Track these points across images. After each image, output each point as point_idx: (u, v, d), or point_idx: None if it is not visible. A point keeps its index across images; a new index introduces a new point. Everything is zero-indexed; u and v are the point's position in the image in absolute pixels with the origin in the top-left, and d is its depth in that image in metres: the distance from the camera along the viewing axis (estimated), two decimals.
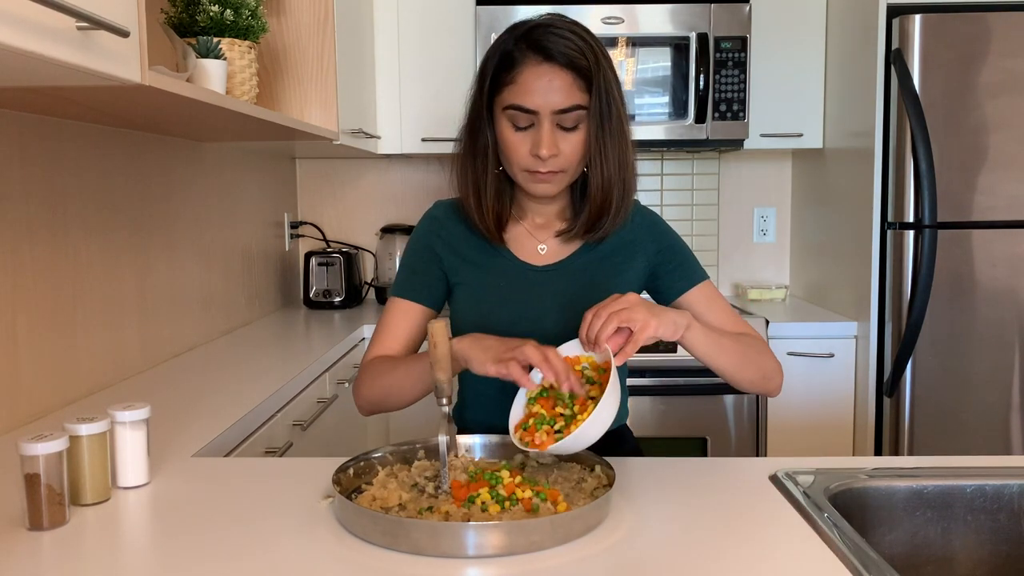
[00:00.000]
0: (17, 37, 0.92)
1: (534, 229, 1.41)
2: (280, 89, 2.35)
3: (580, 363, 1.19)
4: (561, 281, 1.39)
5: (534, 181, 1.31)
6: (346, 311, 2.96)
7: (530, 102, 1.25)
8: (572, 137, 1.28)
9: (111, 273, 1.83)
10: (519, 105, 1.25)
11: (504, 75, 1.27)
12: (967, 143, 2.40)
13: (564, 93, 1.25)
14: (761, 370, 1.34)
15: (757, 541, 0.99)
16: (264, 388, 1.76)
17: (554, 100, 1.24)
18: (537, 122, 1.26)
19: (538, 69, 1.24)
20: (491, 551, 0.93)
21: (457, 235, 1.42)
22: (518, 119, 1.27)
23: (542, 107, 1.25)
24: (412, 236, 1.47)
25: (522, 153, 1.28)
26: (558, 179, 1.31)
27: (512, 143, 1.29)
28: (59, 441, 1.02)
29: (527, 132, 1.27)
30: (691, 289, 1.40)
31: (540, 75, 1.24)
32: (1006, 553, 1.19)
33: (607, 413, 1.07)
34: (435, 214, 1.45)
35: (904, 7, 2.44)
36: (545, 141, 1.25)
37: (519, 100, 1.25)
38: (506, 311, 1.37)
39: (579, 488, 1.10)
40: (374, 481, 1.10)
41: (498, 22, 2.72)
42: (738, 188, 3.26)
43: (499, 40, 1.30)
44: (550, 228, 1.41)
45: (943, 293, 2.42)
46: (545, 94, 1.24)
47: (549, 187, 1.32)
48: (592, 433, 1.07)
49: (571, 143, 1.28)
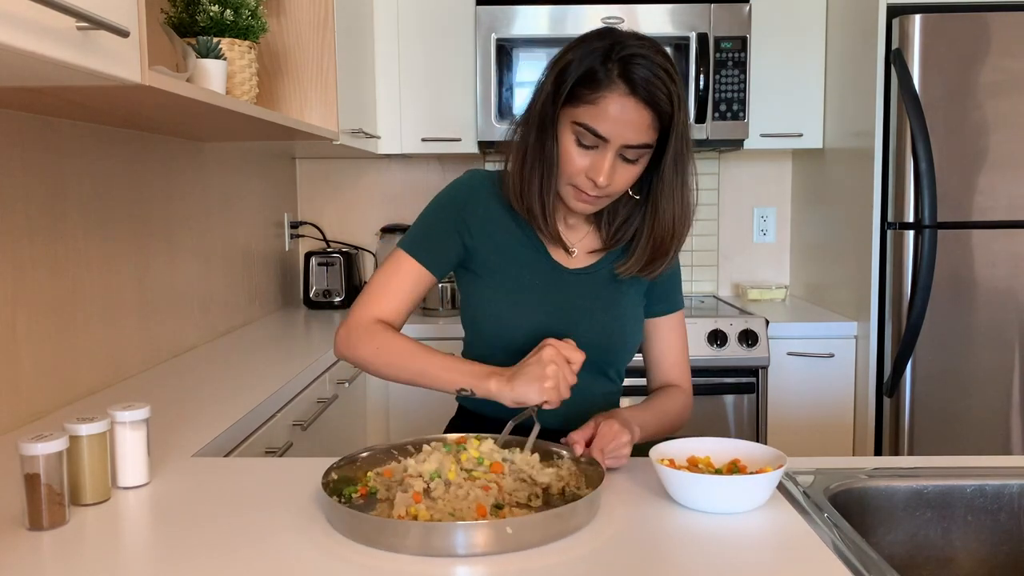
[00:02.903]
0: (17, 37, 0.92)
1: (566, 230, 1.41)
2: (280, 89, 2.35)
3: None
4: (591, 286, 1.40)
5: (578, 199, 1.30)
6: (346, 311, 2.95)
7: (604, 129, 1.22)
8: (630, 169, 1.27)
9: (111, 273, 1.83)
10: (592, 128, 1.23)
11: (584, 91, 1.23)
12: (967, 143, 2.40)
13: (638, 131, 1.22)
14: (674, 429, 1.41)
15: (757, 541, 0.99)
16: (264, 388, 1.76)
17: (628, 135, 1.22)
18: (603, 148, 1.24)
19: (622, 101, 1.21)
20: (481, 550, 0.93)
21: (494, 216, 1.39)
22: (585, 138, 1.24)
23: (614, 137, 1.22)
24: (444, 196, 1.41)
25: (577, 169, 1.26)
26: (601, 203, 1.32)
27: (570, 157, 1.26)
28: (59, 441, 1.02)
29: (588, 151, 1.25)
30: (666, 316, 1.47)
31: (623, 108, 1.21)
32: (1006, 553, 1.19)
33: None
34: (474, 185, 1.41)
35: (904, 7, 2.44)
36: (606, 170, 1.24)
37: (593, 123, 1.22)
38: (542, 310, 1.37)
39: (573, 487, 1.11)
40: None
41: (498, 22, 2.72)
42: (738, 188, 3.26)
43: (585, 48, 1.24)
44: (579, 231, 1.42)
45: (943, 293, 2.42)
46: (621, 126, 1.22)
47: (590, 208, 1.32)
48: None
49: (626, 175, 1.27)
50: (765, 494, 1.07)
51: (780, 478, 1.09)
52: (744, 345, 2.57)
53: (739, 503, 1.06)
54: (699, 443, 1.18)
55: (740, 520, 1.04)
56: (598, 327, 1.38)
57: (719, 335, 2.58)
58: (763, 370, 2.60)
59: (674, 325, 1.47)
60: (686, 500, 1.08)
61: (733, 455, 1.15)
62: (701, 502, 1.06)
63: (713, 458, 1.16)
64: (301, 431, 1.85)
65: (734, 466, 1.13)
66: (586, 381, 1.39)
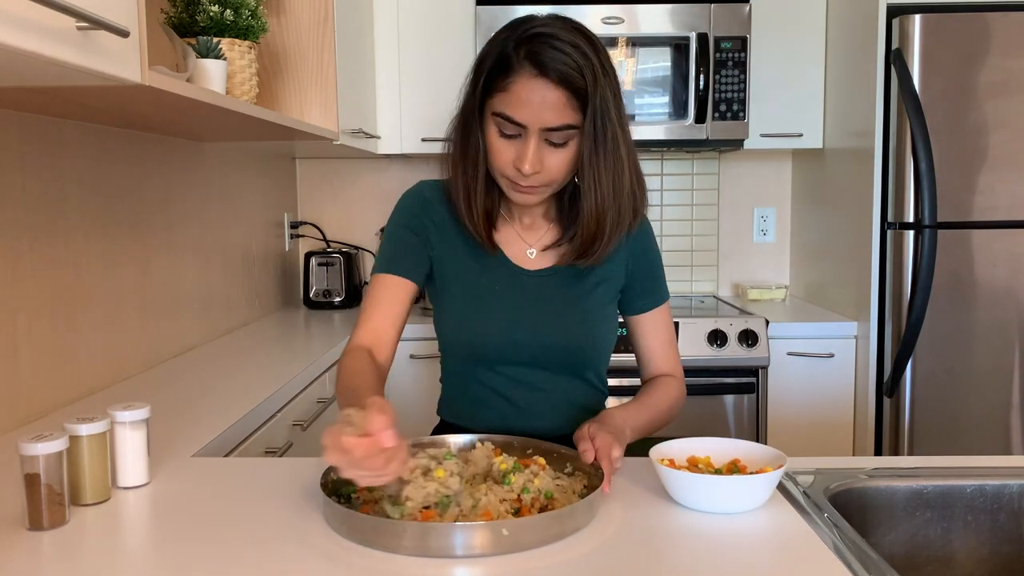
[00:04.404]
0: (17, 37, 0.92)
1: (522, 231, 1.39)
2: (280, 89, 2.35)
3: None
4: (553, 287, 1.37)
5: (515, 190, 1.28)
6: (346, 311, 2.96)
7: (519, 115, 1.20)
8: (559, 153, 1.23)
9: (111, 273, 1.83)
10: (508, 116, 1.20)
11: (498, 80, 1.21)
12: (967, 143, 2.40)
13: (555, 111, 1.19)
14: (670, 419, 1.38)
15: (756, 541, 0.99)
16: (264, 388, 1.76)
17: (544, 117, 1.19)
18: (524, 135, 1.21)
19: (531, 83, 1.18)
20: (480, 551, 0.93)
21: (447, 223, 1.38)
22: (505, 127, 1.22)
23: (530, 122, 1.20)
24: (397, 211, 1.40)
25: (505, 161, 1.24)
26: (540, 191, 1.28)
27: (497, 149, 1.24)
28: (59, 441, 1.02)
29: (513, 140, 1.23)
30: (651, 311, 1.43)
31: (533, 89, 1.18)
32: (1006, 553, 1.19)
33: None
34: (424, 194, 1.40)
35: (904, 7, 2.44)
36: (529, 157, 1.21)
37: (508, 110, 1.20)
38: (504, 317, 1.35)
39: (570, 488, 1.10)
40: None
41: (498, 22, 2.72)
42: (738, 188, 3.26)
43: (499, 37, 1.24)
44: (537, 230, 1.39)
45: (943, 293, 2.42)
46: (535, 110, 1.19)
47: (530, 198, 1.28)
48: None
49: (557, 159, 1.23)
50: (765, 494, 1.07)
51: (780, 478, 1.09)
52: (744, 345, 2.57)
53: (739, 503, 1.06)
54: (699, 443, 1.18)
55: (740, 520, 1.04)
56: (563, 329, 1.35)
57: (719, 335, 2.58)
58: (763, 370, 2.60)
59: (660, 319, 1.44)
60: (686, 500, 1.08)
61: (733, 455, 1.15)
62: (701, 502, 1.06)
63: (713, 458, 1.16)
64: (301, 431, 1.85)
65: (734, 466, 1.13)
66: (564, 387, 1.39)
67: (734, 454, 1.16)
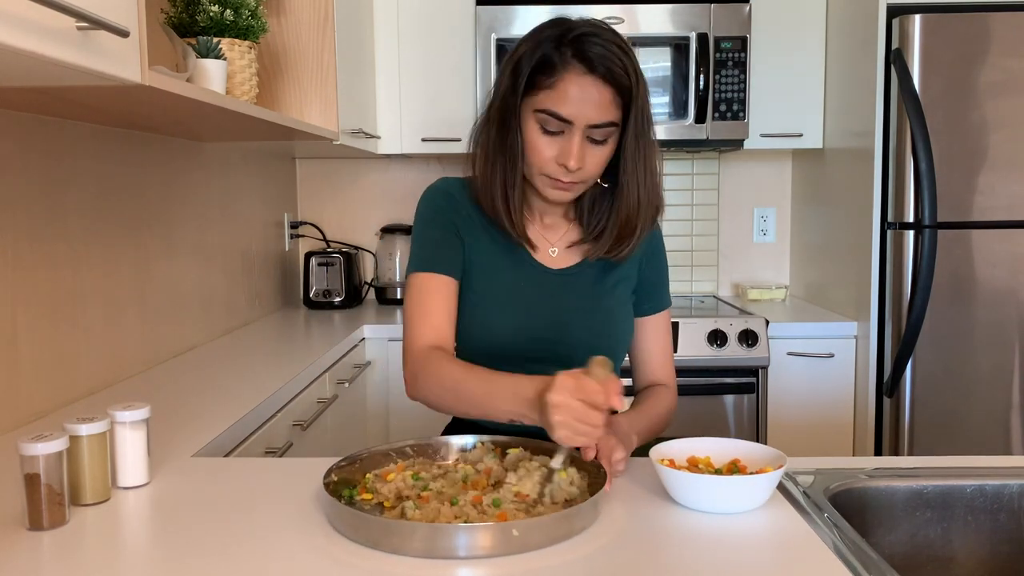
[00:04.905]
0: (17, 37, 0.92)
1: (544, 230, 1.41)
2: (280, 89, 2.35)
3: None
4: (578, 286, 1.39)
5: (553, 188, 1.29)
6: (346, 311, 2.96)
7: (566, 111, 1.22)
8: (600, 151, 1.26)
9: (111, 273, 1.83)
10: (555, 112, 1.23)
11: (542, 78, 1.23)
12: (967, 143, 2.40)
13: (602, 108, 1.22)
14: (664, 429, 1.40)
15: (757, 541, 0.99)
16: (264, 388, 1.76)
17: (591, 114, 1.22)
18: (568, 132, 1.24)
19: (580, 80, 1.21)
20: (483, 552, 0.93)
21: (474, 219, 1.38)
22: (549, 124, 1.24)
23: (577, 118, 1.22)
24: (427, 208, 1.40)
25: (546, 158, 1.26)
26: (577, 189, 1.30)
27: (538, 146, 1.26)
28: (59, 441, 1.02)
29: (555, 137, 1.25)
30: (653, 315, 1.46)
31: (582, 86, 1.21)
32: (1006, 553, 1.19)
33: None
34: (449, 191, 1.40)
35: (904, 7, 2.44)
36: (575, 153, 1.23)
37: (555, 107, 1.22)
38: (529, 314, 1.36)
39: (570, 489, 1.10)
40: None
41: (498, 22, 2.72)
42: (738, 188, 3.26)
43: (537, 38, 1.25)
44: (558, 229, 1.41)
45: (943, 293, 2.42)
46: (583, 106, 1.22)
47: (567, 195, 1.31)
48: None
49: (597, 157, 1.26)
50: (765, 494, 1.07)
51: (780, 478, 1.09)
52: (744, 345, 2.57)
53: (739, 503, 1.06)
54: (699, 443, 1.18)
55: (740, 520, 1.04)
56: (587, 327, 1.37)
57: (719, 335, 2.58)
58: (763, 370, 2.60)
59: (660, 324, 1.46)
60: (686, 500, 1.08)
61: (733, 455, 1.15)
62: (701, 502, 1.06)
63: (713, 458, 1.16)
64: (301, 431, 1.85)
65: (734, 466, 1.13)
66: None
67: (734, 454, 1.16)
